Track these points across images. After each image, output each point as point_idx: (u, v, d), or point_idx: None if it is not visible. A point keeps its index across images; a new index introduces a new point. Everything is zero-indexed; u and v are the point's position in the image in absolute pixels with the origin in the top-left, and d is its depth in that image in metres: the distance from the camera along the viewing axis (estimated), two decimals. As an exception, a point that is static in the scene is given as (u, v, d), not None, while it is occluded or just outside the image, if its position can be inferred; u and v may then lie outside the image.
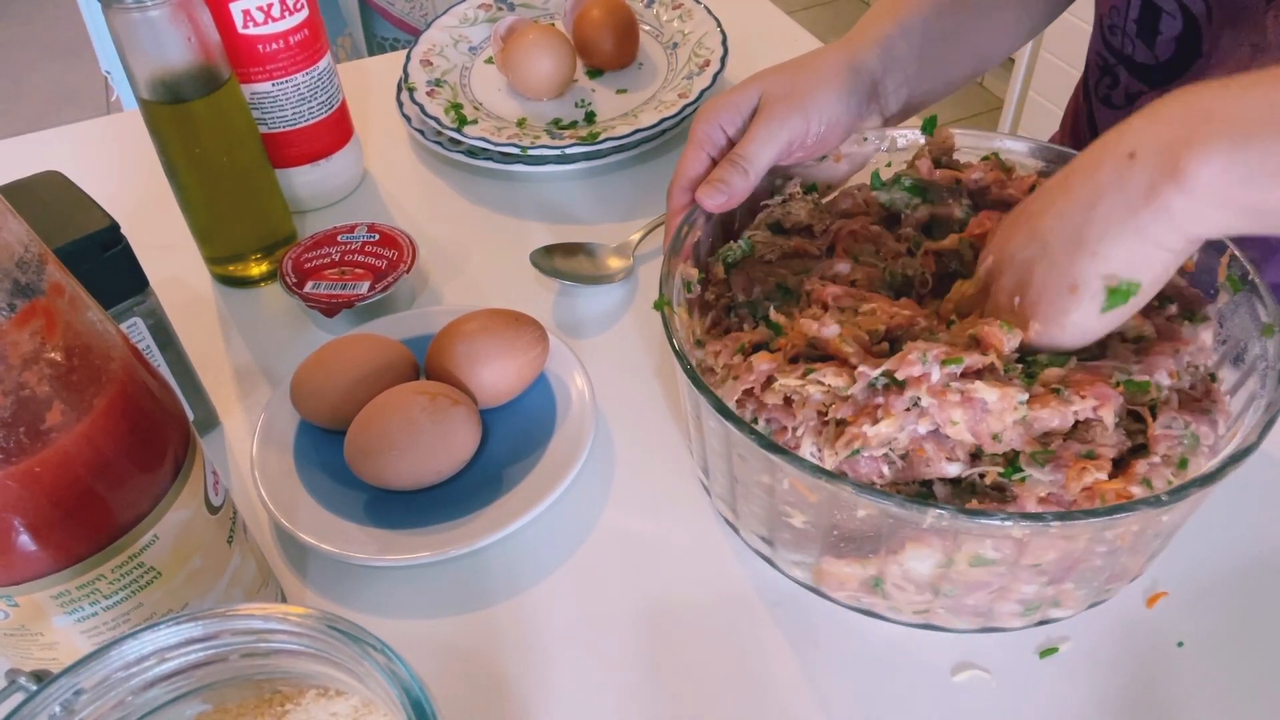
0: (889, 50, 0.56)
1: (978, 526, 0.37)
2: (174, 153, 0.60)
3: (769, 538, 0.46)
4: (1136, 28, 0.59)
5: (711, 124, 0.54)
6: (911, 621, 0.45)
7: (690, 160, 0.54)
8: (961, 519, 0.37)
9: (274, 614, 0.31)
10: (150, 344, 0.53)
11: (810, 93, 0.53)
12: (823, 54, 0.56)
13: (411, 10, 1.52)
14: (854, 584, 0.44)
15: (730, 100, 0.54)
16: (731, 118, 0.54)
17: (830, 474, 0.39)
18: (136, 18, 0.53)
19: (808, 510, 0.42)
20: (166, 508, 0.36)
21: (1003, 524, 0.37)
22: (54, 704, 0.30)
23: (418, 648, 0.46)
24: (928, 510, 0.37)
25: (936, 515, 0.37)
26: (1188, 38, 0.57)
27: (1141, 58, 0.60)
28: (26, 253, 0.31)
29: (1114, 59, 0.63)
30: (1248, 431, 0.40)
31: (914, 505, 0.37)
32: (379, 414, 0.50)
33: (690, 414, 0.48)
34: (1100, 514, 0.37)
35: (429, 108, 0.76)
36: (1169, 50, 0.58)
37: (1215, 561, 0.48)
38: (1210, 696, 0.43)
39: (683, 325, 0.47)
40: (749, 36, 0.87)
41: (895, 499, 0.38)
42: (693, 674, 0.45)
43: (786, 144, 0.52)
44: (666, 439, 0.56)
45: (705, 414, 0.43)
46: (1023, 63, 1.94)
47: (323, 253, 0.64)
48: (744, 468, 0.44)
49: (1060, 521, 0.36)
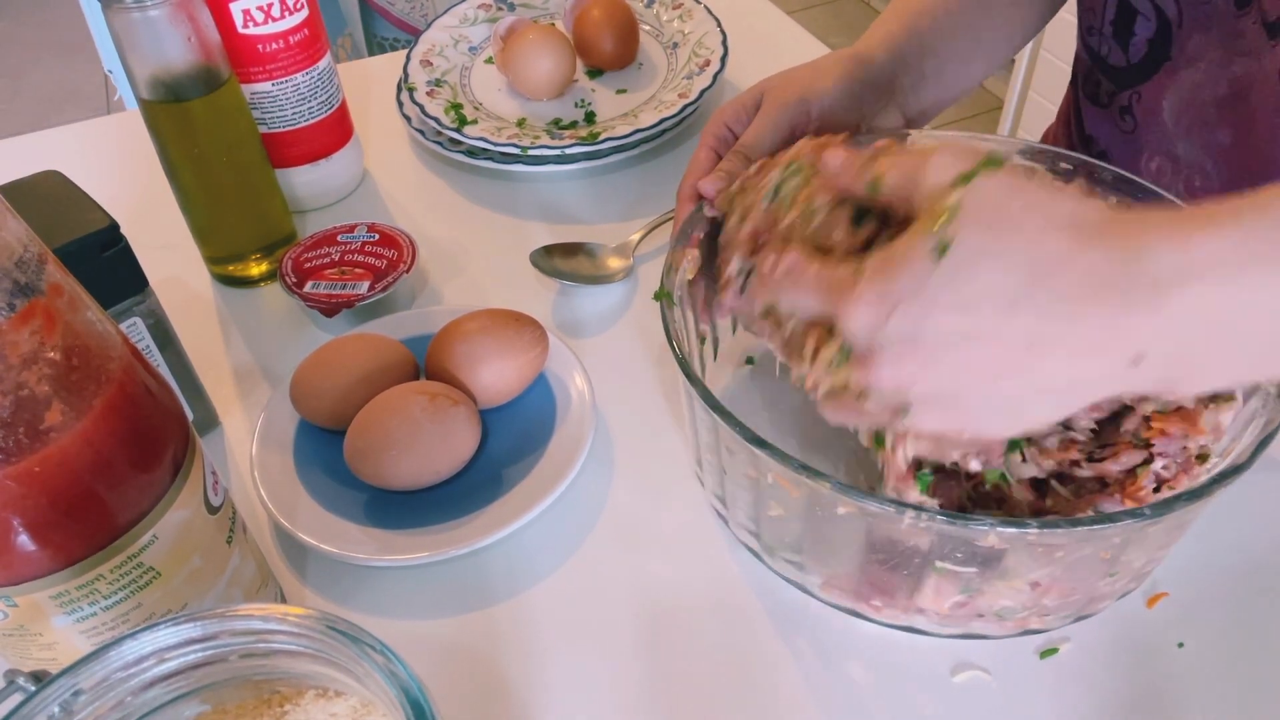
0: (896, 49, 0.57)
1: (955, 530, 0.37)
2: (174, 152, 0.60)
3: (756, 531, 0.46)
4: (1113, 29, 0.60)
5: (719, 124, 0.55)
6: (895, 623, 0.45)
7: (699, 160, 0.55)
8: (940, 522, 0.37)
9: (273, 614, 0.31)
10: (150, 344, 0.53)
11: (811, 83, 0.54)
12: (827, 54, 0.58)
13: (411, 10, 1.52)
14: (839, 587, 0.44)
15: (737, 100, 0.55)
16: (737, 115, 0.55)
17: (810, 469, 0.38)
18: (136, 17, 0.53)
19: (791, 506, 0.42)
20: (166, 508, 0.36)
21: (981, 529, 0.36)
22: (53, 704, 0.30)
23: (417, 648, 0.46)
24: (905, 511, 0.37)
25: (914, 516, 0.37)
26: (1159, 40, 0.58)
27: (1115, 59, 0.61)
28: (26, 252, 0.31)
29: (1091, 61, 0.64)
30: (1241, 450, 0.40)
31: (891, 505, 0.37)
32: (379, 414, 0.50)
33: (685, 409, 0.48)
34: (1084, 524, 0.36)
35: (429, 108, 0.76)
36: (1140, 52, 0.59)
37: (1215, 562, 0.48)
38: (1210, 696, 0.43)
39: (690, 262, 0.49)
40: (749, 36, 0.87)
41: (875, 498, 0.37)
42: (692, 673, 0.45)
43: (789, 129, 0.53)
44: (666, 438, 0.56)
45: (696, 407, 0.44)
46: (1022, 63, 1.94)
47: (322, 253, 0.64)
48: (732, 462, 0.44)
49: (1041, 530, 0.36)
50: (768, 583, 0.48)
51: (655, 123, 0.73)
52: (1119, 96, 0.62)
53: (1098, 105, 0.65)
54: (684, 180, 0.54)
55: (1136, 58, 0.59)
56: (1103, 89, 0.64)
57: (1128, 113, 0.62)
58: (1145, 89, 0.60)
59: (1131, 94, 0.61)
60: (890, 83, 0.57)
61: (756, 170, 0.47)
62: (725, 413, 0.41)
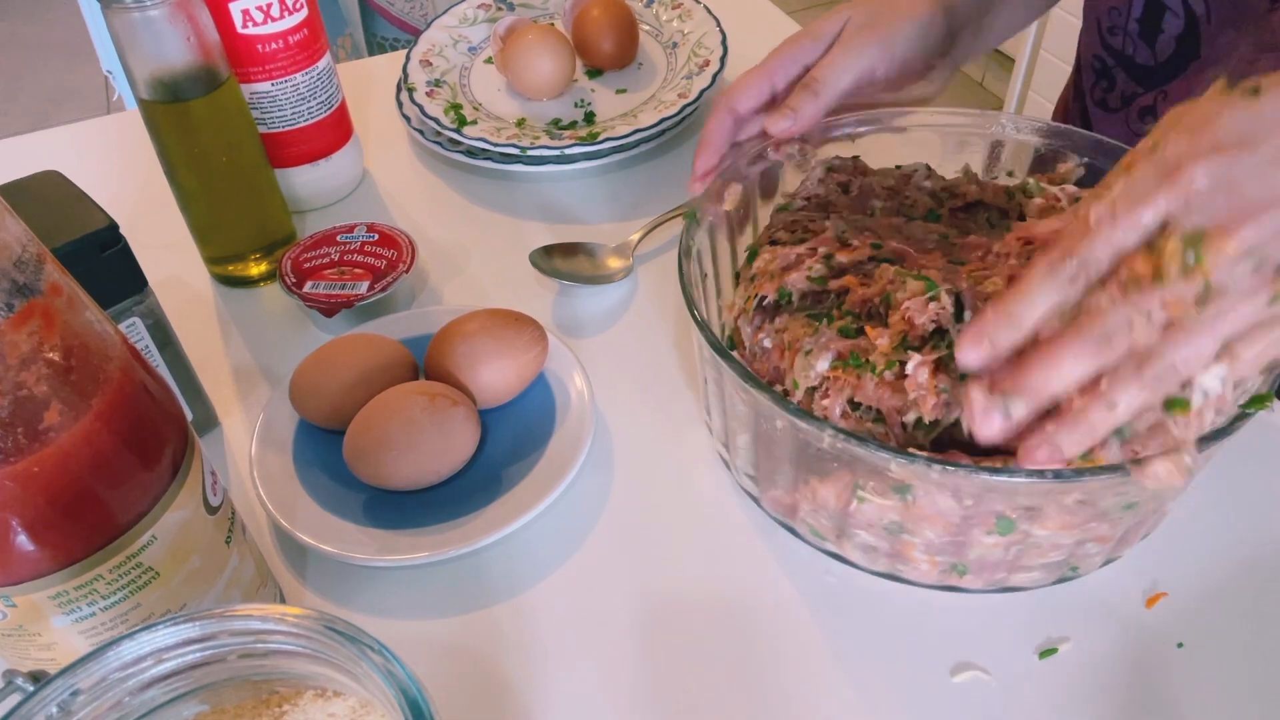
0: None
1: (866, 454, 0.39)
2: (173, 152, 0.60)
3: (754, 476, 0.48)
4: (1139, 28, 0.59)
5: (787, 54, 0.52)
6: (877, 569, 0.46)
7: (747, 82, 0.52)
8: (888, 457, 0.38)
9: (272, 614, 0.31)
10: (149, 344, 0.53)
11: (894, 23, 0.52)
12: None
13: (411, 10, 1.52)
14: (826, 516, 0.46)
15: (813, 28, 0.52)
16: (813, 45, 0.52)
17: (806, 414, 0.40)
18: (136, 17, 0.53)
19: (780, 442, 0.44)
20: (165, 508, 0.36)
21: (904, 463, 0.38)
22: (51, 704, 0.30)
23: (416, 648, 0.46)
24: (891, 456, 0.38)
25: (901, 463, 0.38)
26: (1187, 38, 0.57)
27: (1143, 59, 0.60)
28: (25, 252, 0.31)
29: (1113, 61, 0.63)
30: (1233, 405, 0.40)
31: (876, 446, 0.39)
32: (378, 414, 0.50)
33: (711, 379, 0.49)
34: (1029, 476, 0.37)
35: (429, 108, 0.76)
36: (1168, 50, 0.58)
37: (1215, 562, 0.48)
38: (1210, 697, 0.43)
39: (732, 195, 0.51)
40: (749, 36, 0.87)
41: (871, 442, 0.39)
42: (692, 673, 0.45)
43: (867, 71, 0.51)
44: (666, 438, 0.56)
45: (727, 381, 0.45)
46: (1023, 62, 1.94)
47: (322, 253, 0.64)
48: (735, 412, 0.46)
49: (943, 468, 0.37)
50: (767, 583, 0.48)
51: (655, 123, 0.73)
52: (1141, 98, 0.61)
53: (1108, 110, 0.64)
54: (722, 97, 0.52)
55: (1164, 55, 0.59)
56: (1116, 92, 0.63)
57: (1150, 113, 0.61)
58: (1172, 88, 0.59)
59: (1157, 94, 0.60)
60: (955, 33, 0.55)
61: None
62: (729, 357, 0.43)
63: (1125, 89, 0.63)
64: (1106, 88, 0.64)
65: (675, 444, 0.55)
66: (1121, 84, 0.63)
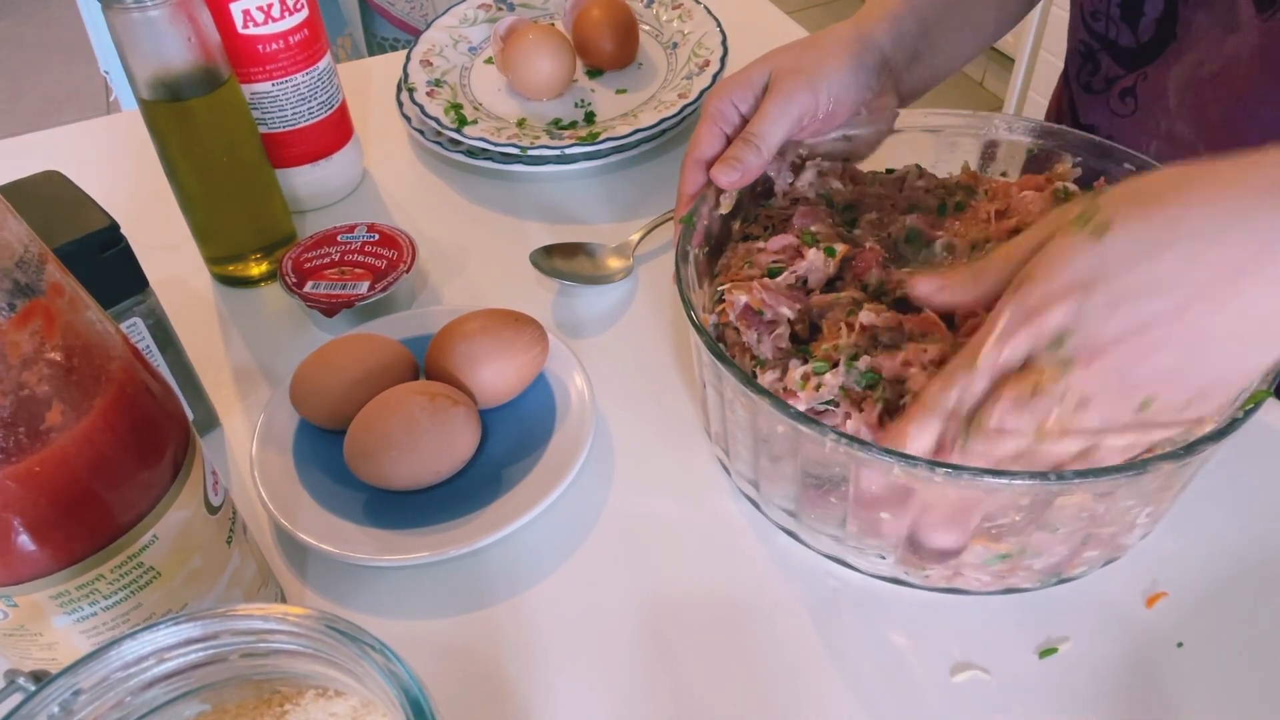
0: (897, 26, 0.57)
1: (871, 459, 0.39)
2: (174, 152, 0.60)
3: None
4: (1121, 11, 0.60)
5: (724, 101, 0.55)
6: (880, 573, 0.46)
7: (704, 136, 0.54)
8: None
9: (273, 614, 0.31)
10: (150, 344, 0.53)
11: (818, 67, 0.54)
12: (831, 30, 0.57)
13: (411, 10, 1.52)
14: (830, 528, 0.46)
15: (742, 78, 0.55)
16: (744, 94, 0.54)
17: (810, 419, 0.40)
18: (136, 18, 0.53)
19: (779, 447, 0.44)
20: (166, 508, 0.36)
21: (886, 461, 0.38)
22: (53, 704, 0.30)
23: (417, 648, 0.46)
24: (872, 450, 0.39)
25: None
26: (1165, 20, 0.58)
27: (1125, 41, 0.61)
28: (26, 252, 0.31)
29: (1097, 44, 0.64)
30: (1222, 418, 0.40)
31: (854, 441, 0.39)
32: (378, 414, 0.50)
33: (711, 383, 0.49)
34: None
35: (429, 108, 0.76)
36: (1149, 32, 0.59)
37: (1215, 562, 0.48)
38: (1210, 696, 0.43)
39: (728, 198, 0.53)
40: (749, 36, 0.87)
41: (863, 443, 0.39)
42: (692, 673, 0.45)
43: (797, 119, 0.53)
44: (666, 438, 0.56)
45: (727, 385, 0.45)
46: (1022, 62, 1.94)
47: (322, 253, 0.64)
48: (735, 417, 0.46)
49: (947, 472, 0.37)
50: (767, 583, 0.48)
51: (655, 123, 0.73)
52: (1123, 80, 0.62)
53: (1091, 93, 0.65)
54: (687, 156, 0.55)
55: (1145, 38, 0.60)
56: (1100, 75, 0.64)
57: (1129, 95, 0.62)
58: (1152, 69, 0.60)
59: (1138, 75, 0.61)
60: (887, 62, 0.57)
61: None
62: (724, 357, 0.43)
63: (1109, 71, 0.63)
64: (1091, 71, 0.65)
65: (675, 444, 0.55)
66: (1105, 66, 0.63)
